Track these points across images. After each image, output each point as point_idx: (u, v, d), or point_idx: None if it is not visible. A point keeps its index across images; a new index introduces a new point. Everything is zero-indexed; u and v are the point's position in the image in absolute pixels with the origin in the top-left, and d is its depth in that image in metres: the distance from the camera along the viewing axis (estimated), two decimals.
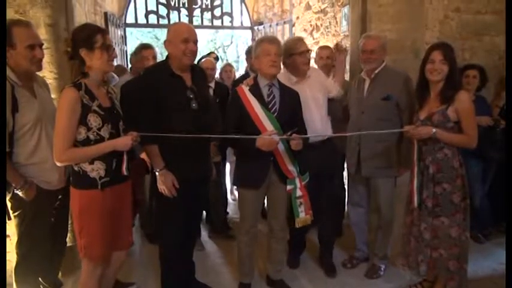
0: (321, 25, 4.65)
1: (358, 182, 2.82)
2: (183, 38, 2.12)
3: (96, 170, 1.90)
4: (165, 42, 2.21)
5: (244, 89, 2.35)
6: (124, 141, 1.91)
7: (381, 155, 2.62)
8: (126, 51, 5.82)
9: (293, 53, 2.58)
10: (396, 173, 2.67)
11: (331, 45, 3.61)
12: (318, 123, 2.61)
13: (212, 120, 2.35)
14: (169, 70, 2.18)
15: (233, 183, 2.53)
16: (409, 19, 3.25)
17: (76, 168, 1.91)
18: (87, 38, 1.87)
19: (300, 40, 2.66)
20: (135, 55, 3.37)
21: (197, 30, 2.24)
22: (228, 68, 4.53)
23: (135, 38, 14.50)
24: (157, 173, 2.17)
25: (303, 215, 2.41)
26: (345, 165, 3.04)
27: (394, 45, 3.16)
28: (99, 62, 1.89)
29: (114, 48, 1.96)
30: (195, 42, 2.18)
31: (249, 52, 3.82)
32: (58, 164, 1.87)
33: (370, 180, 2.73)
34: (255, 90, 2.34)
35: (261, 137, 2.21)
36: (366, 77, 2.69)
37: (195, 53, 2.18)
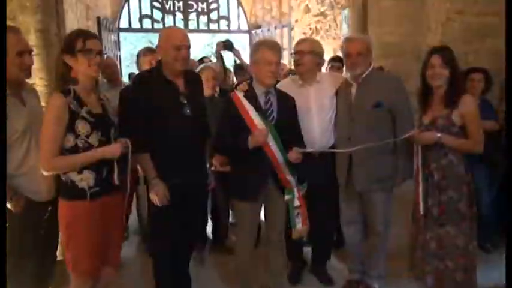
0: (321, 28, 4.71)
1: (350, 196, 2.69)
2: (174, 45, 2.14)
3: (85, 180, 1.89)
4: (157, 47, 2.24)
5: (240, 95, 2.33)
6: (112, 149, 1.90)
7: (374, 167, 2.52)
8: (120, 57, 5.83)
9: (293, 53, 2.65)
10: (392, 185, 2.58)
11: (331, 48, 3.63)
12: (316, 131, 2.61)
13: (207, 127, 2.35)
14: (162, 76, 2.20)
15: (231, 195, 2.48)
16: (410, 21, 3.28)
17: (64, 178, 1.90)
18: (69, 43, 1.88)
19: (301, 41, 2.71)
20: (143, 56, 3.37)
21: (193, 35, 2.28)
22: (228, 74, 4.57)
23: (128, 43, 14.60)
24: (148, 184, 2.18)
25: (300, 226, 2.40)
26: None
27: (395, 48, 3.19)
28: (82, 68, 1.90)
29: (99, 53, 1.94)
30: (188, 48, 2.19)
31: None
32: (45, 173, 1.86)
33: (363, 194, 2.62)
34: (251, 97, 2.33)
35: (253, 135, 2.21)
36: (352, 82, 2.60)
37: (187, 59, 2.21)
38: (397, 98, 2.49)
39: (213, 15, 6.27)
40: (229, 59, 4.30)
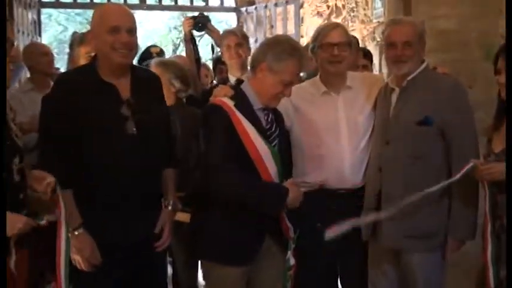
0: (344, 7, 4.82)
1: (381, 256, 2.74)
2: (110, 27, 2.18)
3: None
4: (88, 32, 2.35)
5: (230, 104, 2.36)
6: (12, 222, 1.90)
7: (416, 214, 2.54)
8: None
9: (317, 45, 2.71)
10: (441, 243, 2.60)
11: (359, 35, 3.74)
12: (345, 164, 2.68)
13: (167, 151, 2.40)
14: (95, 75, 2.25)
15: (207, 257, 2.49)
16: (474, 1, 3.38)
17: None
18: None
19: (333, 27, 2.77)
20: None
21: (153, 13, 2.37)
22: (202, 71, 4.62)
23: (55, 24, 14.74)
24: (69, 234, 2.19)
25: None
26: None
27: (453, 38, 3.26)
28: None
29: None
30: (131, 30, 2.23)
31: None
32: None
33: (400, 254, 2.65)
34: (247, 111, 2.38)
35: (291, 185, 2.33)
36: (394, 86, 2.67)
37: (131, 46, 2.24)
38: (454, 112, 2.55)
39: None
40: (206, 50, 4.35)
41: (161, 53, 4.02)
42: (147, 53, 4.18)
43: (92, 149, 2.20)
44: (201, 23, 3.93)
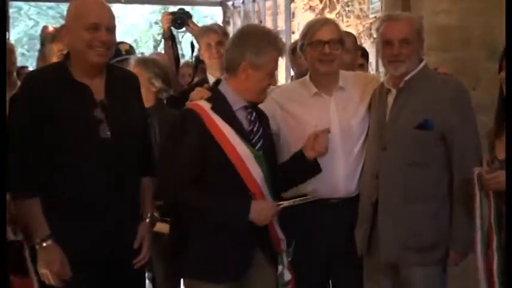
0: (338, 1, 4.83)
1: (377, 271, 2.72)
2: (88, 23, 2.18)
3: None
4: (62, 27, 2.34)
5: (205, 107, 2.37)
6: None
7: (415, 227, 2.55)
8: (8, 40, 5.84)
9: (306, 42, 2.70)
10: (442, 255, 2.60)
11: (354, 31, 3.72)
12: (339, 171, 2.69)
13: (146, 159, 2.40)
14: (67, 75, 2.24)
15: (190, 274, 2.47)
16: None
17: None
18: None
19: (323, 23, 2.74)
20: None
21: (133, 6, 2.36)
22: (185, 70, 4.63)
23: (26, 18, 14.64)
24: (37, 247, 2.19)
25: None
26: None
27: (455, 35, 3.26)
28: None
29: None
30: (110, 28, 2.24)
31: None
32: None
33: (399, 269, 2.65)
34: (226, 113, 2.38)
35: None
36: (390, 87, 2.67)
37: (109, 44, 2.25)
38: (455, 115, 2.55)
39: None
40: (189, 47, 4.33)
41: (131, 50, 3.99)
42: (116, 50, 4.16)
43: (62, 154, 2.19)
44: (180, 19, 3.96)
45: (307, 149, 2.46)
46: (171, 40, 3.97)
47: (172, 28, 4.02)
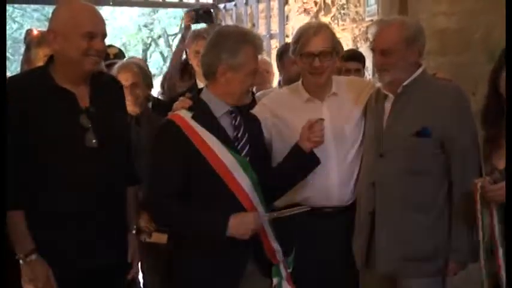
0: (333, 3, 4.81)
1: (376, 282, 2.73)
2: (85, 32, 2.19)
3: None
4: (49, 32, 2.27)
5: (186, 117, 2.35)
6: None
7: (414, 237, 2.56)
8: None
9: (299, 52, 2.70)
10: (443, 268, 2.60)
11: (350, 35, 3.70)
12: (332, 179, 2.69)
13: (131, 168, 2.40)
14: (50, 80, 2.24)
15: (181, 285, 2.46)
16: None
17: None
18: None
19: (314, 32, 2.70)
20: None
21: (122, 9, 2.37)
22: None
23: (10, 21, 14.61)
24: (21, 262, 2.19)
25: None
26: None
27: (455, 38, 3.26)
28: None
29: None
30: (104, 36, 2.27)
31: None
32: None
33: (397, 281, 2.64)
34: (207, 120, 2.36)
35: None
36: (388, 93, 2.66)
37: (103, 52, 2.31)
38: (455, 122, 2.54)
39: None
40: None
41: (120, 54, 3.96)
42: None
43: (47, 164, 2.19)
44: (204, 16, 4.10)
45: (303, 141, 2.45)
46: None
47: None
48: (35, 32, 3.36)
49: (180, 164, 2.31)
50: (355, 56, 3.78)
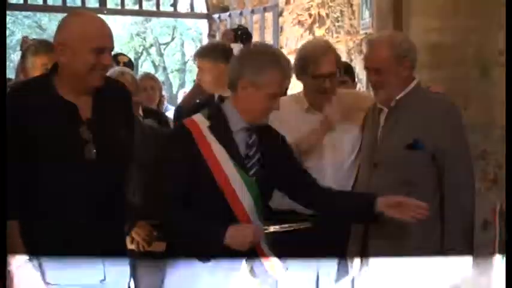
0: (328, 16, 4.85)
1: None
2: (95, 47, 2.18)
3: None
4: (56, 45, 2.26)
5: (201, 125, 2.35)
6: None
7: (403, 244, 2.58)
8: None
9: (309, 73, 2.77)
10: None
11: (344, 48, 3.75)
12: (330, 183, 2.67)
13: (124, 179, 2.39)
14: (53, 91, 2.23)
15: None
16: (471, 12, 3.41)
17: None
18: None
19: (323, 53, 2.76)
20: None
21: (114, 17, 2.37)
22: (148, 82, 4.43)
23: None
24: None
25: None
26: None
27: (448, 54, 3.28)
28: None
29: None
30: (111, 50, 2.27)
31: None
32: None
33: None
34: (223, 134, 2.36)
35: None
36: (382, 106, 2.72)
37: (110, 67, 2.31)
38: (446, 135, 2.59)
39: None
40: (172, 59, 4.31)
41: (129, 63, 3.98)
42: (115, 62, 4.16)
43: (44, 176, 2.17)
44: (245, 35, 3.99)
45: (390, 208, 2.34)
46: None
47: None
48: (30, 41, 3.35)
49: (184, 170, 2.30)
50: (345, 69, 3.72)
